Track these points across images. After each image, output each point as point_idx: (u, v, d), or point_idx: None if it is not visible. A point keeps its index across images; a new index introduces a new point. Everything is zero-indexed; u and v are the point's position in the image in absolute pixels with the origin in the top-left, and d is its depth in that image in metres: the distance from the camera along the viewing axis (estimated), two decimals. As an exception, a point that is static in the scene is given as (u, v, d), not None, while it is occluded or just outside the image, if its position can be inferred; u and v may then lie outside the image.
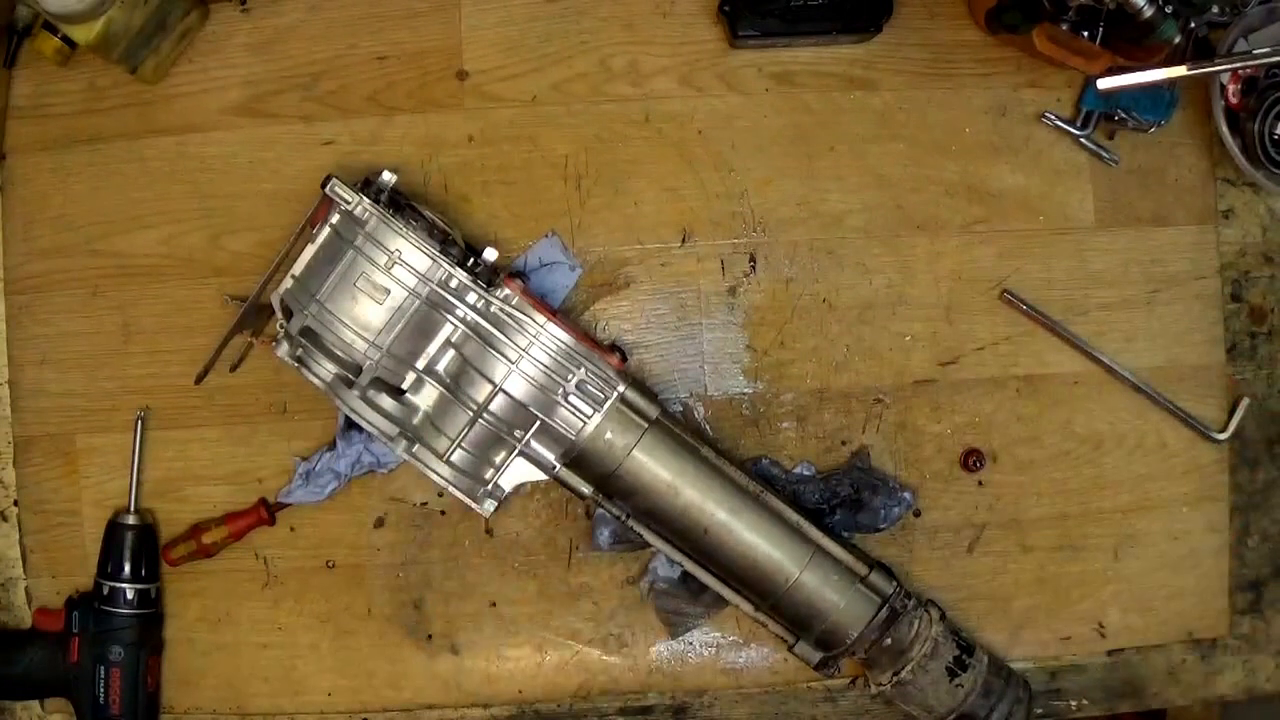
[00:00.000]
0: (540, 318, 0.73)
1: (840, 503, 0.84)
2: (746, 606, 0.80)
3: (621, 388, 0.75)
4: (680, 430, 0.78)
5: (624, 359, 0.77)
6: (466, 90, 0.85)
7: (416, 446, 0.76)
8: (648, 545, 0.81)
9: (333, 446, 0.83)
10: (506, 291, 0.73)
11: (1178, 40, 0.75)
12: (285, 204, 0.84)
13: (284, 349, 0.76)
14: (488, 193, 0.85)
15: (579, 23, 0.85)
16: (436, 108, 0.85)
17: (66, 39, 0.76)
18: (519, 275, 0.79)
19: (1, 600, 0.84)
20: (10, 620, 0.84)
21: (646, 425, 0.76)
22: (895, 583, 0.79)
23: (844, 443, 0.87)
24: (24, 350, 0.84)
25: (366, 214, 0.72)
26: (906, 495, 0.85)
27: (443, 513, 0.85)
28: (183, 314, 0.84)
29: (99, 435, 0.84)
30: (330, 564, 0.85)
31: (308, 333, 0.74)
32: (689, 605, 0.85)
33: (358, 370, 0.74)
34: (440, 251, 0.72)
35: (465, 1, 0.85)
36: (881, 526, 0.84)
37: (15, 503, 0.84)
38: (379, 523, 0.85)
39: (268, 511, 0.83)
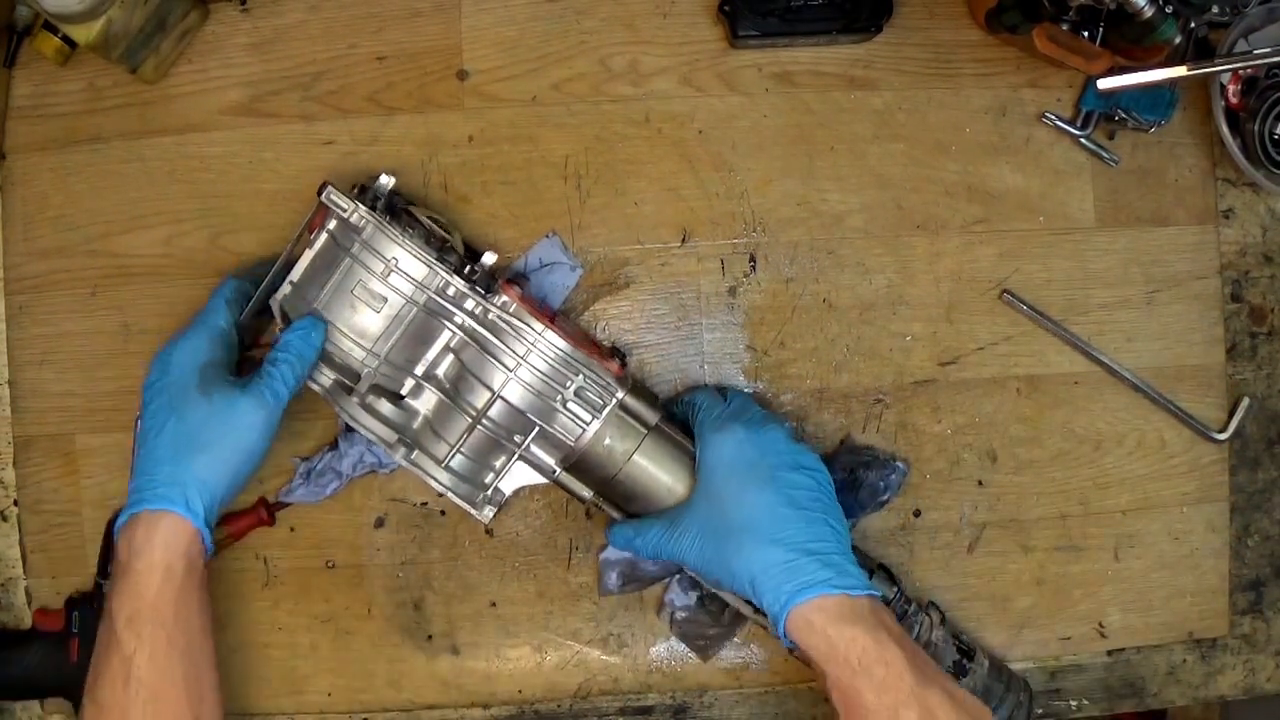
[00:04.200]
0: (538, 325, 0.73)
1: (839, 488, 0.84)
2: (747, 610, 0.80)
3: (620, 394, 0.75)
4: (681, 435, 0.78)
5: (624, 364, 0.77)
6: (466, 90, 0.85)
7: (416, 453, 0.76)
8: (657, 580, 0.83)
9: (334, 446, 0.83)
10: (504, 299, 0.73)
11: (1178, 40, 0.75)
12: (285, 204, 0.84)
13: None
14: (488, 193, 0.85)
15: (579, 23, 0.85)
16: (436, 108, 0.85)
17: (66, 39, 0.76)
18: (518, 279, 0.79)
19: (1, 600, 0.84)
20: (10, 620, 0.84)
21: (646, 431, 0.76)
22: (896, 588, 0.79)
23: (843, 442, 0.87)
24: (24, 350, 0.84)
25: (363, 221, 0.72)
26: (900, 464, 0.85)
27: (442, 513, 0.85)
28: (182, 314, 0.84)
29: (99, 435, 0.84)
30: (330, 564, 0.85)
31: None
32: (711, 627, 0.85)
33: (356, 377, 0.74)
34: (438, 258, 0.72)
35: (465, 1, 0.85)
36: (884, 499, 0.84)
37: (15, 503, 0.84)
38: (379, 523, 0.85)
39: (268, 511, 0.83)
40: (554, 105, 0.85)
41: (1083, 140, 0.87)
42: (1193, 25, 0.83)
